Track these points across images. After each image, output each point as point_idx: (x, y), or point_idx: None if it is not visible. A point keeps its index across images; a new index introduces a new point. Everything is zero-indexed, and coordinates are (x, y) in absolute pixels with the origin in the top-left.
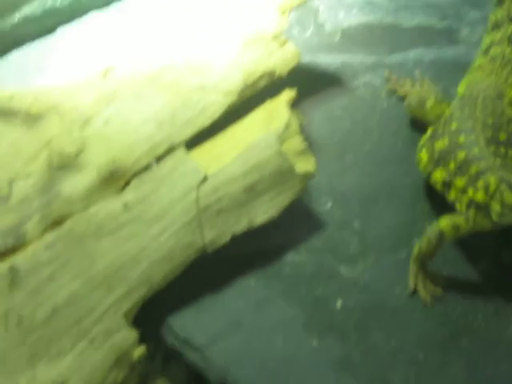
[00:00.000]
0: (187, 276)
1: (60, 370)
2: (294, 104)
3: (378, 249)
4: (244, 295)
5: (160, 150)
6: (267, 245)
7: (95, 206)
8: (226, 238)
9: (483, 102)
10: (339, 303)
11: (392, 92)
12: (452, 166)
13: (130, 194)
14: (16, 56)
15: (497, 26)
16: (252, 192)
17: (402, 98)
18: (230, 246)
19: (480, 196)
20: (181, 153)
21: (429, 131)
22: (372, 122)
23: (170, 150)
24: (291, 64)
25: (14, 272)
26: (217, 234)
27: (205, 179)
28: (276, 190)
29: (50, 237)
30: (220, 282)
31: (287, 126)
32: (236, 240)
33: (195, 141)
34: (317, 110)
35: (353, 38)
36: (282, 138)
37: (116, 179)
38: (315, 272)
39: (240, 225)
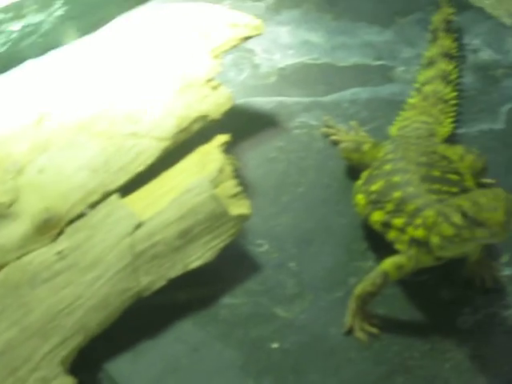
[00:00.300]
0: (124, 322)
1: None
2: (230, 146)
3: (314, 289)
4: (181, 339)
5: (94, 198)
6: (204, 288)
7: (30, 254)
8: (161, 282)
9: (416, 141)
10: (276, 345)
11: (327, 135)
12: (389, 206)
13: (64, 242)
14: None
15: (430, 63)
16: (187, 237)
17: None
18: (166, 290)
19: (420, 233)
20: (115, 199)
21: (364, 174)
22: (308, 162)
23: (105, 197)
24: (224, 107)
25: None
26: (152, 279)
27: (139, 225)
28: (211, 234)
29: None
30: (157, 326)
31: (220, 171)
32: (172, 284)
33: (130, 187)
34: (253, 152)
35: (289, 78)
36: (215, 183)
37: (50, 228)
38: (252, 314)
39: (175, 269)
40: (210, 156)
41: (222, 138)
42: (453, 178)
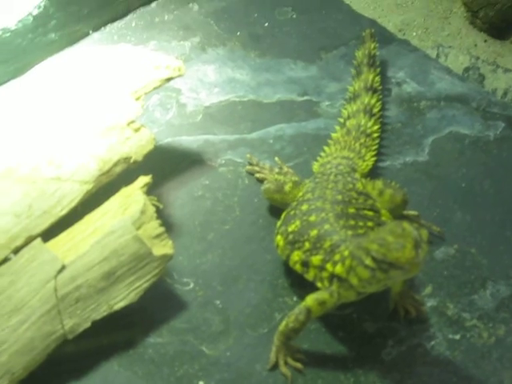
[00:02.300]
0: (50, 365)
1: None
2: (156, 186)
3: (240, 326)
4: (107, 380)
5: (18, 242)
6: (129, 329)
7: None
8: (86, 324)
9: (335, 178)
10: (201, 383)
11: (251, 173)
12: (307, 245)
13: None
14: None
15: (354, 97)
16: (111, 278)
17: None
18: (91, 332)
19: (339, 269)
20: (38, 244)
21: (283, 215)
22: (233, 199)
23: (28, 242)
24: (147, 149)
25: None
26: (77, 321)
27: (62, 268)
28: (135, 275)
29: None
30: (82, 368)
31: (143, 212)
32: (97, 325)
33: (54, 230)
34: (179, 191)
35: (215, 116)
36: (138, 224)
37: None
38: (178, 352)
39: (100, 311)
40: (132, 198)
41: (144, 180)
42: (368, 213)
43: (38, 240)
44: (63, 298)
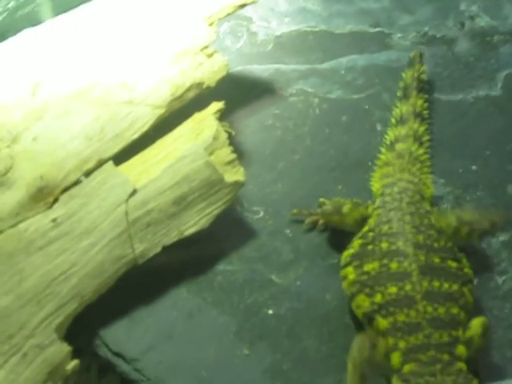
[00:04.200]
0: (119, 289)
1: None
2: (226, 114)
3: (310, 256)
4: (176, 306)
5: (89, 165)
6: (199, 255)
7: (24, 222)
8: (156, 249)
9: (408, 209)
10: (271, 311)
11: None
12: (378, 298)
13: (59, 210)
14: None
15: (401, 120)
16: (182, 203)
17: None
18: (161, 257)
19: (396, 359)
20: (110, 167)
21: (356, 243)
22: (304, 129)
23: (99, 165)
24: (219, 75)
25: None
26: (147, 245)
27: (134, 192)
28: (206, 201)
29: None
30: (152, 293)
31: (215, 138)
32: (167, 251)
33: (124, 155)
34: (249, 119)
35: (285, 46)
36: (210, 149)
37: (45, 195)
38: (247, 281)
39: (170, 236)
40: (204, 123)
41: (217, 106)
42: (452, 266)
43: (110, 163)
44: (134, 222)
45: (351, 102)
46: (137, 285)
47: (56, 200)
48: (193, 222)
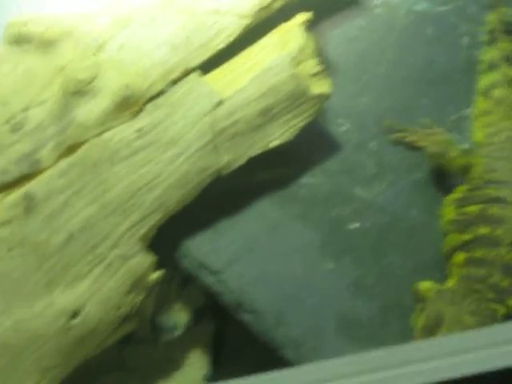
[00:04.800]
0: (202, 200)
1: (77, 294)
2: (311, 25)
3: (394, 170)
4: (259, 218)
5: (175, 75)
6: (283, 167)
7: (109, 132)
8: (241, 161)
9: None
10: (355, 225)
11: (399, 142)
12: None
13: (144, 120)
14: None
15: (493, 66)
16: (267, 115)
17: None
18: (244, 170)
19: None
20: (195, 76)
21: (460, 189)
22: (389, 41)
23: (185, 74)
24: None
25: (29, 199)
26: (232, 157)
27: (220, 103)
28: (291, 113)
29: (64, 164)
30: (235, 205)
31: (302, 49)
32: (251, 163)
33: (210, 64)
34: (334, 31)
35: None
36: (296, 61)
37: (130, 105)
38: (331, 194)
39: (255, 148)
40: (291, 34)
41: (304, 16)
42: None
43: (196, 73)
44: (220, 133)
45: (437, 14)
46: (221, 197)
47: (141, 110)
48: (278, 134)
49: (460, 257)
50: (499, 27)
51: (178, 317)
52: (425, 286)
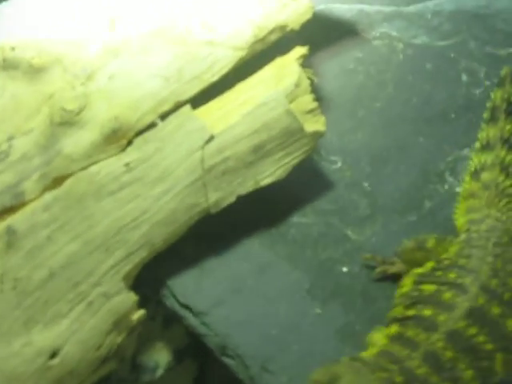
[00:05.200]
0: (190, 238)
1: (56, 334)
2: (307, 56)
3: (387, 211)
4: (247, 259)
5: (165, 107)
6: (273, 206)
7: (96, 165)
8: (230, 199)
9: (494, 251)
10: (345, 268)
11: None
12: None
13: (132, 154)
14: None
15: (487, 146)
16: (259, 152)
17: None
18: (234, 208)
19: None
20: (187, 110)
21: (428, 265)
22: (386, 75)
23: (176, 108)
24: (304, 18)
25: (10, 233)
26: (221, 195)
27: (211, 138)
28: (284, 151)
29: (48, 197)
30: (223, 244)
31: (297, 85)
32: (241, 201)
33: (202, 98)
34: (330, 62)
35: None
36: (291, 97)
37: (119, 137)
38: (322, 235)
39: (246, 186)
40: (287, 69)
41: (301, 51)
42: (509, 326)
43: (187, 107)
44: (209, 170)
45: (436, 48)
46: (207, 236)
47: (130, 143)
48: (269, 172)
49: (393, 329)
50: (503, 106)
51: (160, 356)
52: (374, 337)
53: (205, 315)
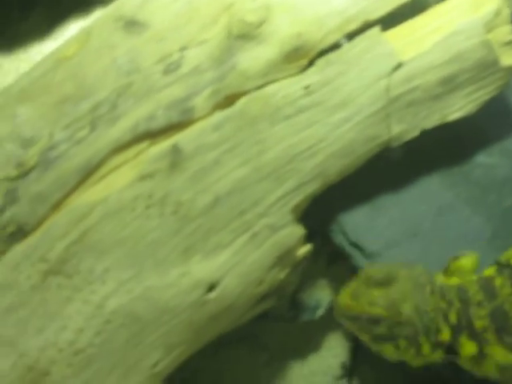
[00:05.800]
0: (363, 171)
1: (216, 265)
2: None
3: None
4: (425, 199)
5: (353, 26)
6: (457, 143)
7: (273, 85)
8: (414, 132)
9: None
10: None
11: None
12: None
13: (313, 76)
14: None
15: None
16: (449, 84)
17: None
18: (415, 142)
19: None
20: (375, 32)
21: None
22: None
23: (364, 28)
24: None
25: (176, 152)
26: (405, 127)
27: (399, 66)
28: (476, 84)
29: (219, 116)
30: (399, 181)
31: (497, 13)
32: (423, 136)
33: (392, 20)
34: None
35: None
36: (489, 26)
37: (300, 56)
38: (508, 179)
39: (431, 120)
40: None
41: None
42: None
43: (376, 28)
44: (395, 100)
45: None
46: (383, 170)
47: (311, 64)
48: (458, 106)
49: (488, 271)
50: None
51: (322, 295)
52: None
53: (376, 257)
